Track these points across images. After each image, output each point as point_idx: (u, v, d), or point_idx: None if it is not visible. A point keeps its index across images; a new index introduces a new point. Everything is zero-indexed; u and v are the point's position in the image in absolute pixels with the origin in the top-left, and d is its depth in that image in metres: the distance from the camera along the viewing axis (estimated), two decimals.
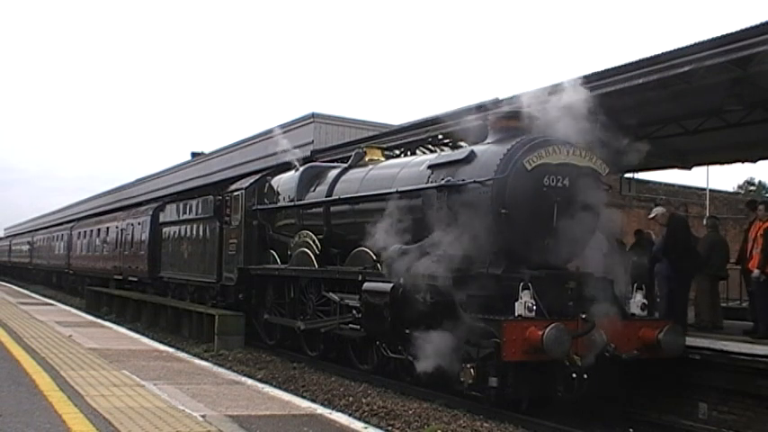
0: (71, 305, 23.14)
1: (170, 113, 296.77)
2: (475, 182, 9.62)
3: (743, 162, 16.25)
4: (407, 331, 9.91)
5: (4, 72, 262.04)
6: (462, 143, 10.93)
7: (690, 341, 9.56)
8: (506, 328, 8.44)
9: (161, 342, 13.84)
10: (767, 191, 44.84)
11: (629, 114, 11.86)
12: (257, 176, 16.50)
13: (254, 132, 23.59)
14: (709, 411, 9.36)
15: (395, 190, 11.10)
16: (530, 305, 8.67)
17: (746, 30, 9.09)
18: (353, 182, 12.69)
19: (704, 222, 14.16)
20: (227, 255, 16.41)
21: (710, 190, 27.38)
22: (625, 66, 10.46)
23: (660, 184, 26.40)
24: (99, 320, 16.97)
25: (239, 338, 15.06)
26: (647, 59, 10.23)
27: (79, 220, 39.44)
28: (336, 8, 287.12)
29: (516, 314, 8.71)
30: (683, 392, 9.67)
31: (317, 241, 13.22)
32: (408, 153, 15.40)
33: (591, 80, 10.39)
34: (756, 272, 10.44)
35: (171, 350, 11.93)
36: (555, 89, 10.21)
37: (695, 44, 9.67)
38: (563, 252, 9.50)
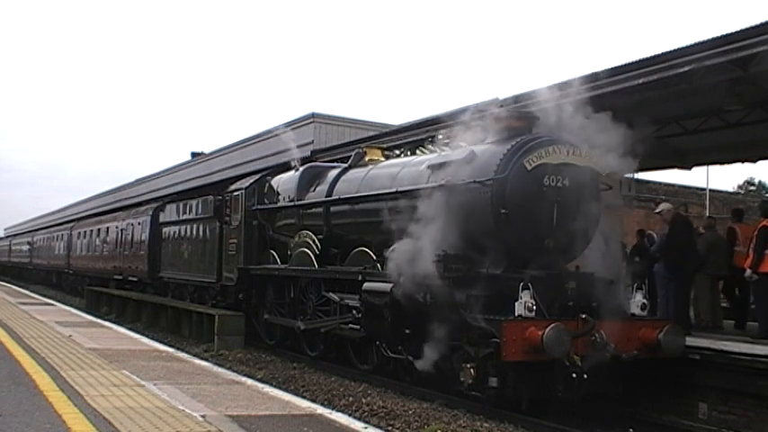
0: (71, 305, 23.11)
1: (170, 113, 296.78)
2: (475, 182, 9.61)
3: (743, 162, 16.25)
4: (407, 331, 9.91)
5: (4, 72, 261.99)
6: (462, 143, 10.91)
7: (690, 341, 9.55)
8: (506, 328, 8.44)
9: (161, 342, 13.83)
10: (767, 191, 44.83)
11: (629, 114, 11.86)
12: (257, 176, 16.49)
13: (254, 132, 23.64)
14: (709, 411, 9.36)
15: (395, 190, 11.10)
16: (530, 305, 8.66)
17: (746, 30, 9.09)
18: (353, 182, 12.69)
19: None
20: (227, 255, 16.41)
21: (710, 190, 27.38)
22: (625, 66, 10.46)
23: (660, 184, 26.40)
24: (99, 320, 16.95)
25: (239, 338, 15.06)
26: (647, 59, 10.23)
27: (79, 220, 39.44)
28: (336, 8, 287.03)
29: (516, 314, 8.70)
30: (683, 392, 9.66)
31: (316, 241, 13.22)
32: (408, 153, 15.41)
33: (591, 80, 10.39)
34: (748, 272, 10.48)
35: (171, 350, 11.92)
36: (555, 89, 10.21)
37: (695, 44, 9.66)
38: (563, 252, 9.50)
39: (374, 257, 11.24)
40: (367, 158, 13.55)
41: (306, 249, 13.38)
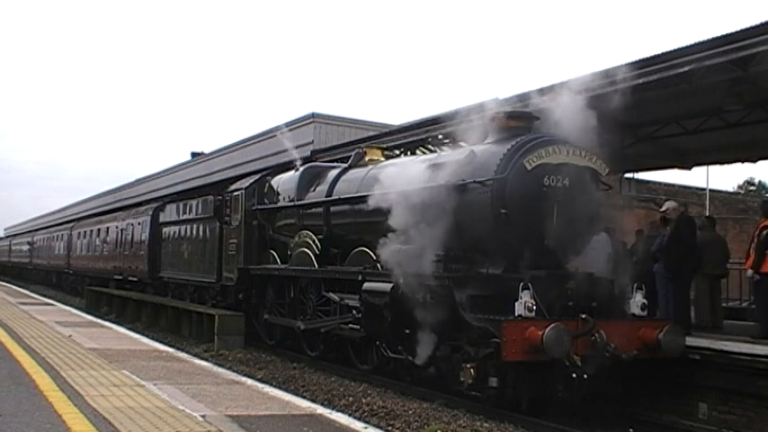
0: (71, 305, 23.11)
1: (170, 113, 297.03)
2: (475, 182, 9.61)
3: (743, 162, 16.26)
4: (407, 331, 9.91)
5: (4, 72, 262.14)
6: (462, 143, 10.92)
7: (690, 341, 9.55)
8: (506, 328, 8.43)
9: (161, 342, 13.83)
10: (767, 191, 44.85)
11: (629, 114, 11.85)
12: (257, 176, 16.50)
13: (254, 132, 23.66)
14: (709, 411, 9.36)
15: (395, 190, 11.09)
16: (530, 305, 8.65)
17: (746, 30, 9.09)
18: (353, 182, 12.69)
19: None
20: (227, 255, 16.41)
21: (710, 190, 27.35)
22: (625, 66, 10.46)
23: (660, 184, 26.38)
24: (99, 320, 16.95)
25: (239, 338, 15.06)
26: (647, 59, 10.23)
27: (79, 220, 39.45)
28: (336, 8, 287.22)
29: (516, 314, 8.69)
30: (683, 392, 9.66)
31: (316, 241, 13.22)
32: (408, 153, 15.41)
33: (591, 80, 10.38)
34: (750, 272, 10.50)
35: (171, 350, 11.92)
36: (555, 89, 10.21)
37: (695, 44, 9.67)
38: (563, 252, 9.49)
39: (374, 257, 11.24)
40: (367, 158, 13.55)
41: (306, 249, 13.37)
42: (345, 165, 13.78)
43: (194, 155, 31.48)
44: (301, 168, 14.82)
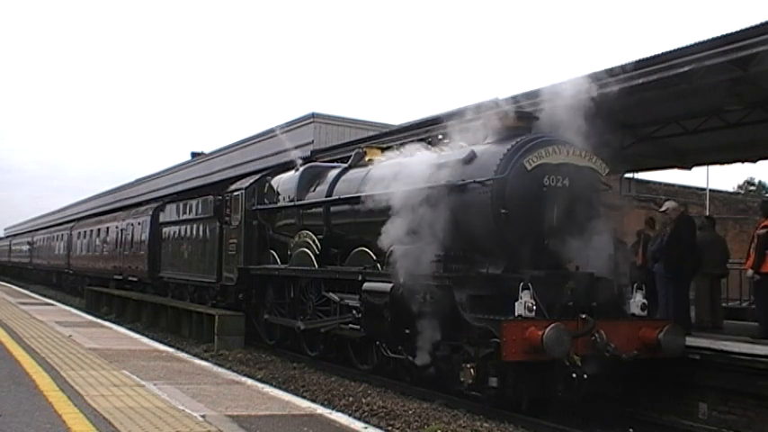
0: (71, 305, 23.11)
1: (170, 113, 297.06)
2: (475, 182, 9.61)
3: (743, 162, 16.24)
4: (407, 331, 9.91)
5: (4, 72, 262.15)
6: (462, 143, 10.91)
7: (690, 341, 9.55)
8: (506, 328, 8.43)
9: (161, 342, 13.83)
10: (767, 191, 44.86)
11: (629, 114, 11.85)
12: (257, 176, 16.50)
13: (254, 132, 23.66)
14: (709, 411, 9.35)
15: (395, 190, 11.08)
16: (530, 305, 8.65)
17: (746, 30, 9.08)
18: (353, 182, 12.68)
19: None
20: (227, 255, 16.41)
21: (710, 190, 27.35)
22: (625, 66, 10.45)
23: (660, 184, 26.37)
24: (99, 320, 16.95)
25: (239, 338, 15.06)
26: (647, 59, 10.22)
27: (79, 220, 39.45)
28: (336, 8, 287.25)
29: (516, 314, 8.70)
30: (683, 392, 9.66)
31: (316, 241, 13.22)
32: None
33: (591, 80, 10.37)
34: (750, 272, 10.51)
35: (171, 350, 11.93)
36: (555, 89, 10.20)
37: (695, 44, 9.66)
38: (563, 252, 9.48)
39: (374, 257, 11.24)
40: (367, 158, 13.53)
41: (306, 249, 13.37)
42: (345, 165, 13.77)
43: (194, 155, 31.47)
44: (301, 168, 14.82)
